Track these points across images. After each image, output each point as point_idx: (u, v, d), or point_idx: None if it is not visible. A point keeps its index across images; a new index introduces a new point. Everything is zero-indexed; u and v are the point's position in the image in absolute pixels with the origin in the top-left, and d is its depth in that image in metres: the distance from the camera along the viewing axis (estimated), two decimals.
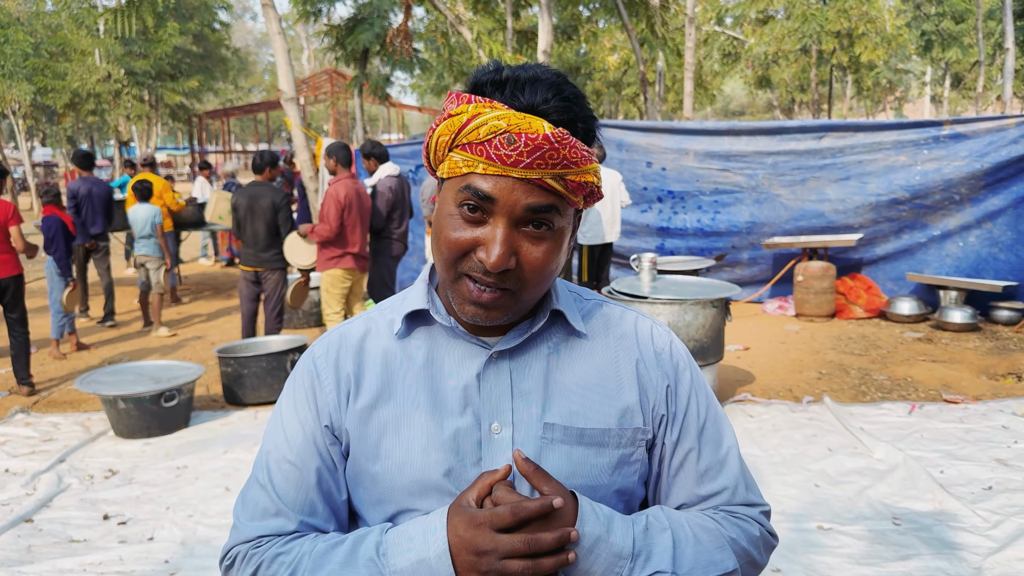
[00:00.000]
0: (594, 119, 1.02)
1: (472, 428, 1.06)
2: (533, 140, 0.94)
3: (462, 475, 1.05)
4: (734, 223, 8.82)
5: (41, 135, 37.00)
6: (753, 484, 1.19)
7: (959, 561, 3.39)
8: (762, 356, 6.91)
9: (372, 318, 1.17)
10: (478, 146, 0.97)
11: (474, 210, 0.99)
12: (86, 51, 20.13)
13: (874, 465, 4.45)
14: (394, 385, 1.10)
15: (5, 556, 3.63)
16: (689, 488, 1.14)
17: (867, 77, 25.22)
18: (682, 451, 1.14)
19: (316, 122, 45.86)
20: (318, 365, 1.13)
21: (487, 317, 1.02)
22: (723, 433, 1.17)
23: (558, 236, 1.02)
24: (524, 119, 0.95)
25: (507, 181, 0.97)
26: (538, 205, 0.97)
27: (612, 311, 1.18)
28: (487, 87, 0.99)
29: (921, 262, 8.39)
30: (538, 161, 0.95)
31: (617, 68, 22.03)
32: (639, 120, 18.93)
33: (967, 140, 7.90)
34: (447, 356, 1.10)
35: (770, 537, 1.17)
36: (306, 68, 44.39)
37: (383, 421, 1.08)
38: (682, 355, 1.18)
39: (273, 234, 6.56)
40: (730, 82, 33.32)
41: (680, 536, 1.06)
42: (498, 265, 0.97)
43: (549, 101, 0.97)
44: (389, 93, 17.93)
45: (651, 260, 5.55)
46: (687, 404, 1.14)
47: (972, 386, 5.95)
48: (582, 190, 1.00)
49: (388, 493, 1.07)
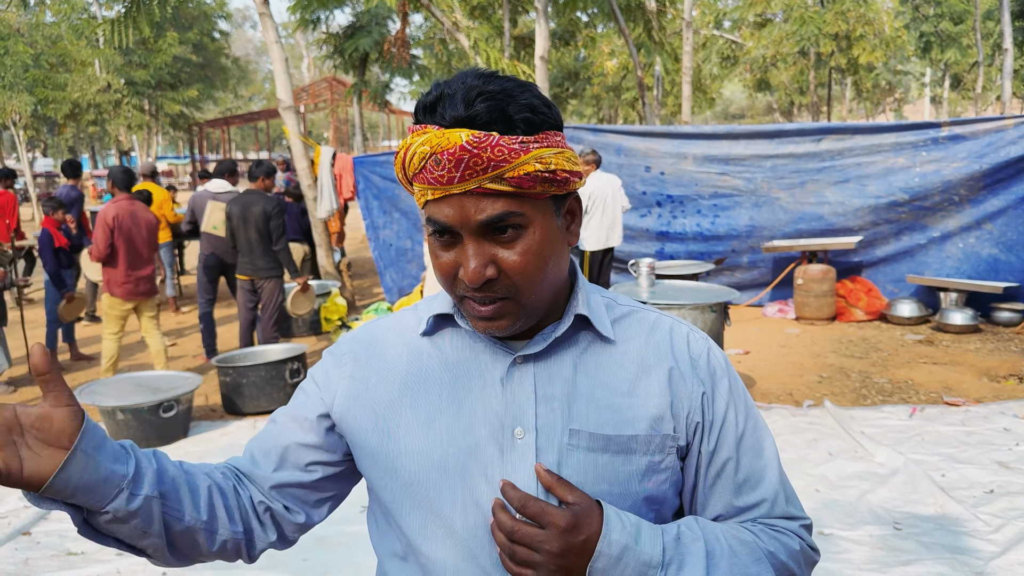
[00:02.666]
0: (534, 107, 0.97)
1: (495, 432, 1.05)
2: (453, 154, 0.94)
3: (483, 478, 1.04)
4: (733, 227, 8.80)
5: (42, 146, 37.08)
6: (794, 496, 1.15)
7: (961, 566, 3.37)
8: (762, 360, 6.90)
9: (404, 316, 1.19)
10: (419, 175, 0.98)
11: (443, 235, 1.00)
12: (86, 62, 20.20)
13: (875, 469, 4.43)
14: (417, 384, 1.10)
15: (3, 569, 3.61)
16: (726, 499, 1.11)
17: (866, 79, 25.23)
18: (719, 461, 1.11)
19: (316, 130, 45.94)
20: (343, 349, 1.18)
21: (498, 327, 1.02)
22: (763, 443, 1.14)
23: (532, 233, 0.99)
24: (443, 135, 0.95)
25: (454, 200, 0.97)
26: (489, 218, 0.97)
27: (646, 317, 1.16)
28: (421, 113, 1.00)
29: (921, 264, 8.37)
30: (467, 172, 0.94)
31: (616, 73, 22.06)
32: (638, 125, 18.95)
33: (966, 141, 7.88)
34: (471, 359, 1.10)
35: (811, 552, 1.13)
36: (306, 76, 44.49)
37: (404, 419, 1.09)
38: (720, 362, 1.14)
39: (267, 242, 6.55)
40: (729, 86, 33.34)
41: (714, 547, 1.03)
42: (475, 280, 0.97)
43: (472, 105, 0.95)
44: (388, 100, 17.97)
45: (649, 265, 5.55)
46: (725, 412, 1.11)
47: (973, 388, 5.92)
48: (532, 181, 0.96)
49: (409, 489, 1.08)
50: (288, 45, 33.87)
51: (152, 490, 1.00)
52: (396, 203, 9.29)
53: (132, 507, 0.97)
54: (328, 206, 9.28)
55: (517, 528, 0.98)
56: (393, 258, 9.44)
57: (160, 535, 1.02)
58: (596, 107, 29.37)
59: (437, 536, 1.06)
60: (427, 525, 1.06)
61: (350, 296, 9.78)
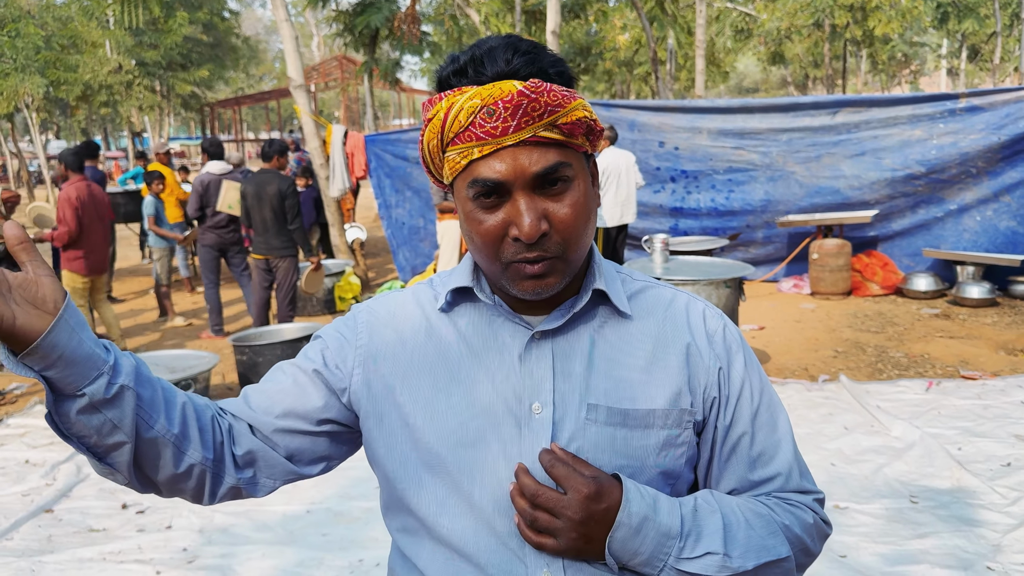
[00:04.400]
0: (562, 61, 1.02)
1: (512, 407, 1.05)
2: (510, 101, 0.94)
3: (501, 453, 1.04)
4: (748, 202, 8.74)
5: (55, 128, 37.19)
6: (807, 471, 1.16)
7: (977, 538, 3.37)
8: (777, 335, 6.87)
9: (421, 289, 1.18)
10: (464, 133, 0.97)
11: (489, 196, 0.99)
12: (97, 43, 20.17)
13: (891, 443, 4.42)
14: (434, 358, 1.10)
15: (26, 546, 3.67)
16: (741, 473, 1.12)
17: (882, 51, 24.88)
18: (734, 435, 1.11)
19: (327, 109, 45.86)
20: (359, 319, 1.17)
21: (547, 286, 1.02)
22: (777, 419, 1.14)
23: (578, 186, 1.01)
24: (494, 87, 0.96)
25: (507, 153, 0.97)
26: (544, 168, 0.97)
27: (662, 293, 1.16)
28: (451, 79, 1.00)
29: (938, 237, 8.30)
30: (524, 119, 0.95)
31: (628, 47, 21.81)
32: (651, 99, 18.81)
33: (983, 112, 7.78)
34: (490, 334, 1.10)
35: (824, 525, 1.14)
36: (316, 55, 44.32)
37: (421, 393, 1.09)
38: (735, 338, 1.15)
39: (281, 222, 6.58)
40: (743, 59, 32.99)
41: (731, 519, 1.04)
42: (532, 234, 0.97)
43: (512, 61, 0.97)
44: (399, 78, 17.88)
45: (663, 241, 5.53)
46: (740, 387, 1.12)
47: (990, 362, 5.89)
48: (579, 128, 0.99)
49: (425, 463, 1.08)
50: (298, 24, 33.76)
51: (130, 381, 0.96)
52: (408, 181, 9.27)
53: (108, 395, 0.94)
54: (340, 185, 9.29)
55: (541, 492, 0.98)
56: (406, 237, 9.44)
57: (130, 435, 0.97)
58: (608, 82, 29.12)
59: (454, 509, 1.06)
60: (444, 498, 1.06)
61: (363, 275, 9.80)
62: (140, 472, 1.03)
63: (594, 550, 1.00)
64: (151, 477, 1.05)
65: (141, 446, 1.00)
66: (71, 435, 0.96)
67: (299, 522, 3.81)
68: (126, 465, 1.00)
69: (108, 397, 0.94)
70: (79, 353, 0.91)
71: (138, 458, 1.01)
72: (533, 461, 1.03)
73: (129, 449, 0.98)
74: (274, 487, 1.16)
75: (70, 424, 0.95)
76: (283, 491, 4.11)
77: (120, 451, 0.98)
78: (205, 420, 1.09)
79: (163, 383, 1.05)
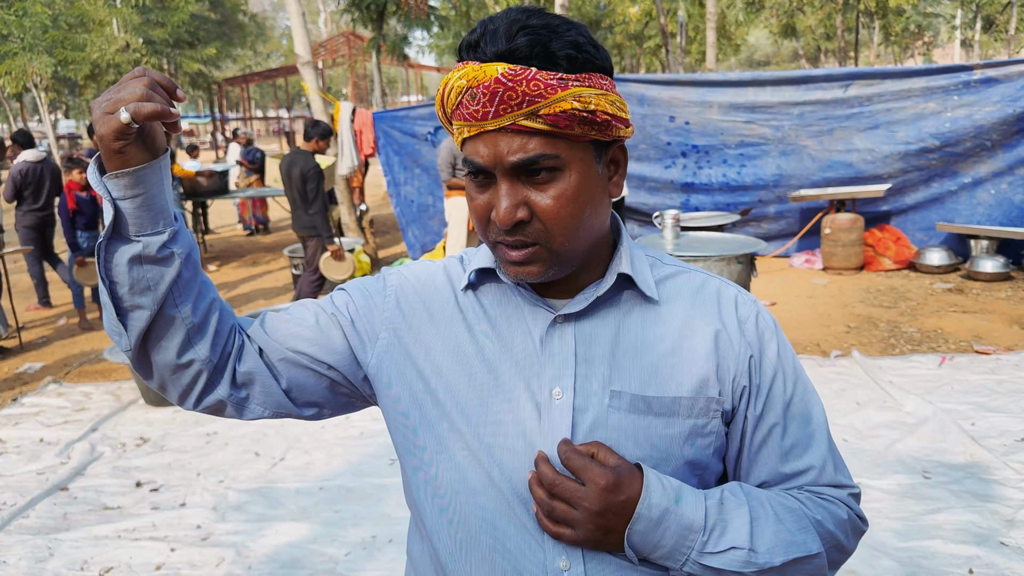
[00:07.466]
0: (579, 42, 0.95)
1: (533, 392, 1.04)
2: (488, 87, 0.92)
3: (521, 438, 1.03)
4: (760, 176, 8.67)
5: (64, 107, 37.19)
6: (842, 464, 1.11)
7: (991, 513, 3.36)
8: (789, 311, 6.84)
9: (452, 264, 1.17)
10: (456, 111, 0.97)
11: (477, 175, 0.99)
12: (104, 21, 20.11)
13: (904, 419, 4.40)
14: (458, 338, 1.09)
15: (42, 524, 3.71)
16: (772, 465, 1.08)
17: (895, 23, 24.57)
18: (765, 426, 1.07)
19: (335, 86, 45.67)
20: (388, 283, 1.16)
21: (528, 274, 1.00)
22: (812, 409, 1.10)
23: (568, 177, 0.97)
24: (480, 69, 0.93)
25: (489, 137, 0.95)
26: (521, 160, 0.94)
27: (693, 277, 1.13)
28: (464, 51, 0.98)
29: (951, 211, 8.22)
30: (501, 106, 0.92)
31: (638, 20, 21.60)
32: (661, 73, 18.64)
33: (999, 84, 7.67)
34: (514, 316, 1.08)
35: (859, 521, 1.10)
36: (323, 31, 44.09)
37: (443, 372, 1.08)
38: (769, 325, 1.11)
39: (305, 202, 6.63)
40: (754, 32, 32.63)
41: (758, 513, 1.01)
42: (505, 221, 0.95)
43: (514, 38, 0.93)
44: (407, 54, 17.77)
45: (674, 217, 5.48)
46: (772, 377, 1.08)
47: (1004, 336, 5.84)
48: (568, 120, 0.93)
49: (443, 442, 1.07)
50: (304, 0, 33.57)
51: (182, 253, 1.00)
52: (417, 159, 9.23)
53: (160, 254, 0.98)
54: (349, 163, 9.26)
55: (559, 482, 0.96)
56: (415, 214, 9.42)
57: (157, 302, 0.99)
58: (618, 56, 28.89)
59: (474, 491, 1.05)
60: (464, 479, 1.05)
61: (373, 252, 9.79)
62: (143, 348, 1.04)
63: (613, 542, 0.98)
64: (151, 356, 1.05)
65: (159, 320, 1.02)
66: (106, 276, 0.99)
67: (312, 499, 3.83)
68: (137, 331, 1.01)
69: (158, 256, 0.98)
70: (156, 202, 0.97)
71: (150, 331, 1.03)
72: (553, 447, 1.01)
73: (148, 317, 1.00)
74: (261, 415, 1.14)
75: (111, 266, 0.98)
76: (296, 468, 4.14)
77: (139, 314, 1.00)
78: (224, 326, 1.09)
79: (204, 275, 1.07)
